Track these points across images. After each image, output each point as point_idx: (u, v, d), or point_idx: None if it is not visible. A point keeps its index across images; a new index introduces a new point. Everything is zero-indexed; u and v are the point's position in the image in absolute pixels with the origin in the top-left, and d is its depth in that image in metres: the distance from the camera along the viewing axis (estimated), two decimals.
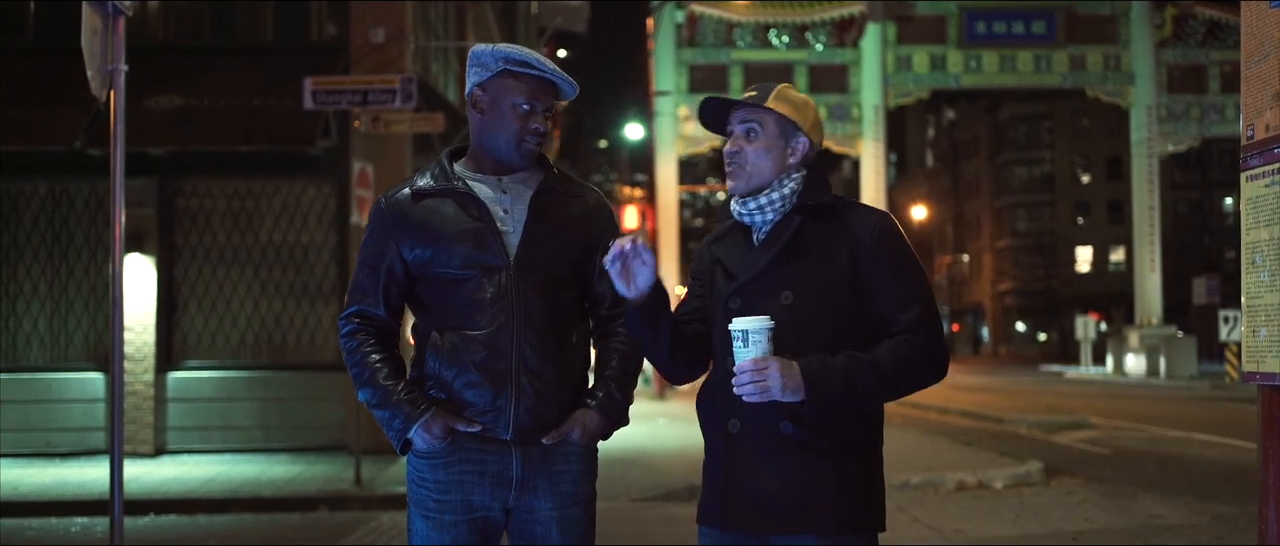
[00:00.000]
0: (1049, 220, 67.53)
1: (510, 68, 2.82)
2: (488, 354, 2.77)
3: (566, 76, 2.86)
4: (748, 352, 2.52)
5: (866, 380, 2.55)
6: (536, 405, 2.79)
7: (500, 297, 2.77)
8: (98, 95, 4.57)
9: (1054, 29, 31.11)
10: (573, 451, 2.87)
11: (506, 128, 2.84)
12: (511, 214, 2.85)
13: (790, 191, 2.71)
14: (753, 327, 2.52)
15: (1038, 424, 16.66)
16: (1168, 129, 31.84)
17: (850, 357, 2.55)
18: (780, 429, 2.59)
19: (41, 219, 12.23)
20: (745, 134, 2.73)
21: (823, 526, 2.59)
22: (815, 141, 2.75)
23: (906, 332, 2.60)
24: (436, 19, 16.86)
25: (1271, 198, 2.52)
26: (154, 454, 11.79)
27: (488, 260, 2.78)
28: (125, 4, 4.61)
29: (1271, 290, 2.52)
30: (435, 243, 2.80)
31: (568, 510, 2.85)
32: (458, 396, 2.79)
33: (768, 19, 30.55)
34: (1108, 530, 8.14)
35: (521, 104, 2.82)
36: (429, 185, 2.86)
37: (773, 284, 2.65)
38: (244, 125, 11.95)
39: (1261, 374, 2.57)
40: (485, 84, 2.84)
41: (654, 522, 8.30)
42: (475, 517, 2.81)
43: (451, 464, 2.80)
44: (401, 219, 2.84)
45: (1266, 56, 2.55)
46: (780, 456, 2.61)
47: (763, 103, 2.72)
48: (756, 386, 2.51)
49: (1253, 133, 2.61)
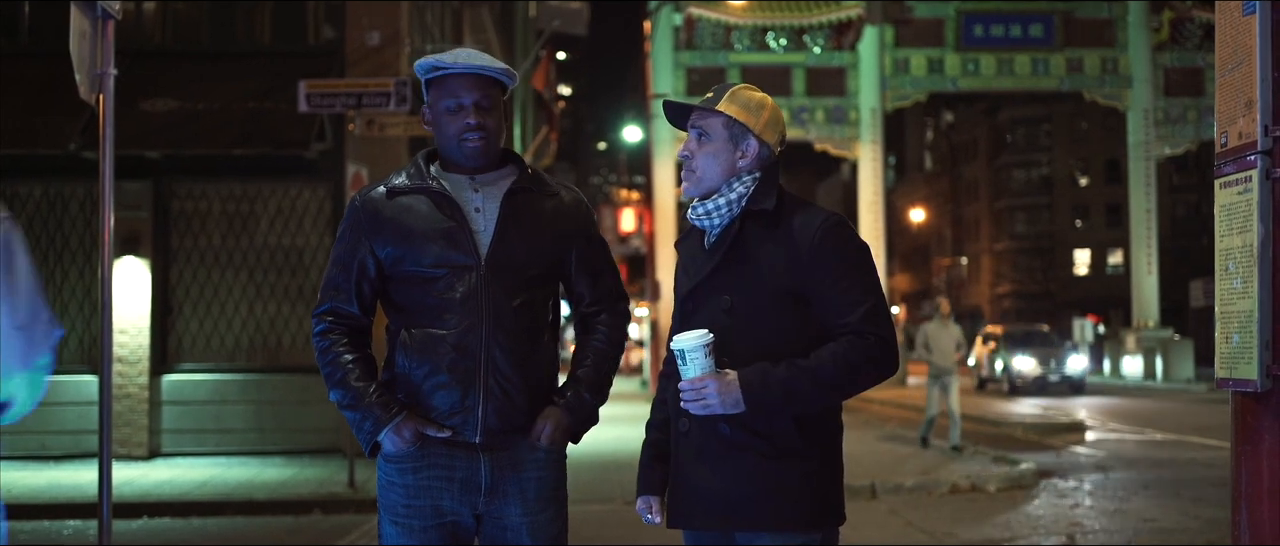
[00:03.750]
0: (1047, 223, 67.51)
1: (426, 77, 2.84)
2: (456, 354, 2.75)
3: (481, 63, 2.81)
4: (688, 370, 2.57)
5: (806, 389, 2.57)
6: (505, 407, 2.78)
7: (470, 297, 2.76)
8: (86, 99, 4.56)
9: (1051, 32, 31.11)
10: (541, 456, 2.86)
11: (444, 132, 2.85)
12: (484, 213, 2.83)
13: (738, 195, 2.71)
14: (688, 346, 2.56)
15: (1033, 426, 16.68)
16: (1165, 132, 31.84)
17: (790, 367, 2.57)
18: (718, 429, 2.63)
19: (36, 222, 12.23)
20: (697, 138, 2.74)
21: (763, 523, 2.62)
22: (771, 142, 2.73)
23: (851, 334, 2.61)
24: (433, 22, 16.88)
25: (1244, 205, 2.54)
26: (148, 457, 11.80)
27: (458, 259, 2.77)
28: (114, 7, 4.60)
29: (1244, 297, 2.54)
30: (407, 240, 2.79)
31: (538, 515, 2.84)
32: (426, 398, 2.78)
33: (765, 22, 30.56)
34: (1101, 533, 8.15)
35: (448, 105, 2.83)
36: (403, 183, 2.86)
37: (716, 288, 2.68)
38: (239, 128, 11.96)
39: (1234, 380, 2.58)
40: (426, 96, 2.88)
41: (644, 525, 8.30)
42: (445, 523, 2.80)
43: (420, 469, 2.79)
44: (375, 216, 2.83)
45: (1239, 64, 2.57)
46: (720, 456, 2.64)
47: (714, 105, 2.72)
48: (699, 403, 2.57)
49: (1226, 140, 2.63)
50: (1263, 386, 2.50)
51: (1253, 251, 2.51)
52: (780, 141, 2.75)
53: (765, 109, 2.73)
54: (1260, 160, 2.50)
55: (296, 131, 11.58)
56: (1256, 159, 2.51)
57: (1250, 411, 2.55)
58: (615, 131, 61.08)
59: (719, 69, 30.35)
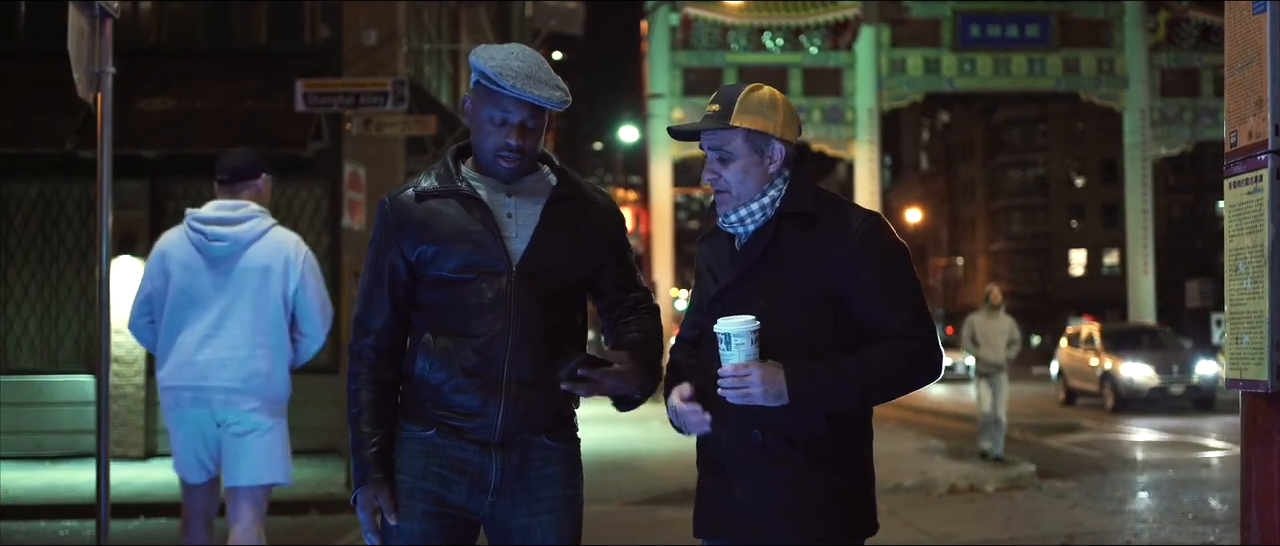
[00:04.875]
0: (1043, 223, 67.59)
1: (481, 81, 2.73)
2: (479, 360, 2.69)
3: (538, 97, 2.68)
4: (732, 356, 2.49)
5: (851, 389, 2.51)
6: (527, 414, 2.73)
7: (499, 303, 2.69)
8: (84, 98, 4.54)
9: (1048, 32, 31.14)
10: (552, 454, 2.80)
11: (483, 140, 2.76)
12: (516, 218, 2.77)
13: (772, 199, 2.63)
14: (735, 330, 2.48)
15: (1031, 426, 16.67)
16: (1161, 132, 31.88)
17: (836, 363, 2.50)
18: (750, 436, 2.56)
19: (32, 221, 12.19)
20: (718, 159, 2.64)
21: (795, 534, 2.56)
22: (790, 140, 2.65)
23: (898, 337, 2.55)
24: (429, 21, 16.85)
25: (1254, 204, 2.52)
26: (144, 457, 11.75)
27: (488, 264, 2.71)
28: (112, 5, 4.58)
29: (1255, 297, 2.52)
30: (435, 243, 2.73)
31: (547, 516, 2.77)
32: (445, 399, 2.72)
33: (762, 22, 30.56)
34: (1099, 532, 8.14)
35: (495, 116, 2.72)
36: (433, 186, 2.79)
37: (749, 293, 2.60)
38: (236, 127, 11.92)
39: (1244, 381, 2.56)
40: (472, 91, 2.77)
41: (645, 526, 8.29)
42: (446, 514, 2.73)
43: (433, 456, 2.73)
44: (404, 219, 2.77)
45: (1250, 63, 2.55)
46: (750, 464, 2.58)
47: (726, 121, 2.61)
48: (739, 392, 2.48)
49: (1236, 139, 2.61)
50: (1273, 387, 2.48)
51: (1263, 251, 2.49)
52: (798, 131, 2.68)
53: (778, 107, 2.64)
54: (1271, 159, 2.48)
55: (293, 131, 11.54)
56: (1267, 158, 2.49)
57: (1260, 412, 2.54)
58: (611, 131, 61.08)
59: (715, 69, 30.35)
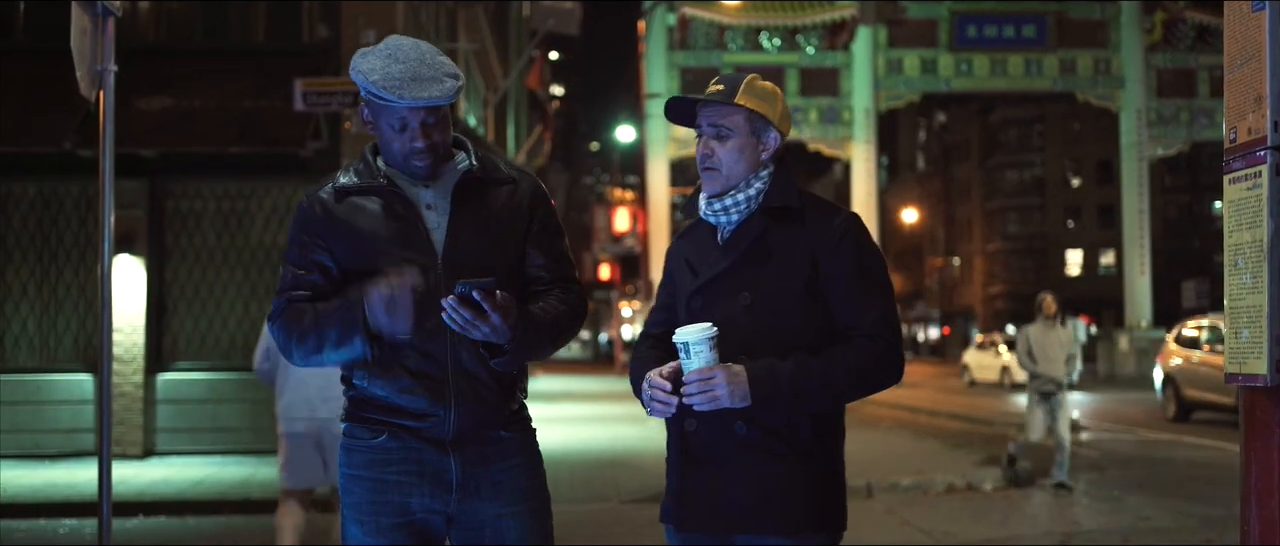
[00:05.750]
0: (1040, 223, 67.63)
1: (369, 96, 2.62)
2: (421, 359, 2.62)
3: (432, 94, 2.55)
4: (692, 363, 2.51)
5: (814, 388, 2.53)
6: (477, 408, 2.65)
7: (430, 298, 2.55)
8: (87, 96, 4.55)
9: (1044, 33, 31.21)
10: (511, 446, 2.73)
11: (388, 146, 2.67)
12: (436, 209, 2.68)
13: (757, 191, 2.66)
14: (694, 339, 2.50)
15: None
16: (1157, 133, 31.95)
17: (799, 365, 2.53)
18: (734, 429, 2.58)
19: (31, 220, 12.19)
20: (716, 135, 2.66)
21: (775, 527, 2.58)
22: (784, 132, 2.69)
23: (863, 337, 2.58)
24: (428, 21, 16.87)
25: (1253, 200, 2.54)
26: (143, 455, 11.76)
27: (414, 259, 2.60)
28: (115, 4, 4.59)
29: (1254, 292, 2.54)
30: (360, 242, 2.64)
31: (517, 506, 2.70)
32: (393, 404, 2.64)
33: (759, 22, 30.61)
34: (1096, 532, 8.16)
35: (394, 125, 2.63)
36: (352, 182, 2.69)
37: (733, 285, 2.63)
38: (235, 127, 11.93)
39: (1243, 375, 2.58)
40: (365, 102, 2.66)
41: (643, 524, 8.30)
42: (413, 522, 2.66)
43: (388, 463, 2.66)
44: (325, 219, 2.68)
45: (1249, 60, 2.57)
46: (734, 457, 2.59)
47: (731, 99, 2.64)
48: (705, 396, 2.50)
49: (1235, 136, 2.63)
50: (1272, 381, 2.50)
51: (1262, 246, 2.51)
52: (789, 130, 2.73)
53: (778, 99, 2.70)
54: (1270, 155, 2.50)
55: (292, 130, 11.55)
56: (1266, 154, 2.51)
57: (1260, 406, 2.55)
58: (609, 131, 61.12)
59: (713, 69, 30.37)
